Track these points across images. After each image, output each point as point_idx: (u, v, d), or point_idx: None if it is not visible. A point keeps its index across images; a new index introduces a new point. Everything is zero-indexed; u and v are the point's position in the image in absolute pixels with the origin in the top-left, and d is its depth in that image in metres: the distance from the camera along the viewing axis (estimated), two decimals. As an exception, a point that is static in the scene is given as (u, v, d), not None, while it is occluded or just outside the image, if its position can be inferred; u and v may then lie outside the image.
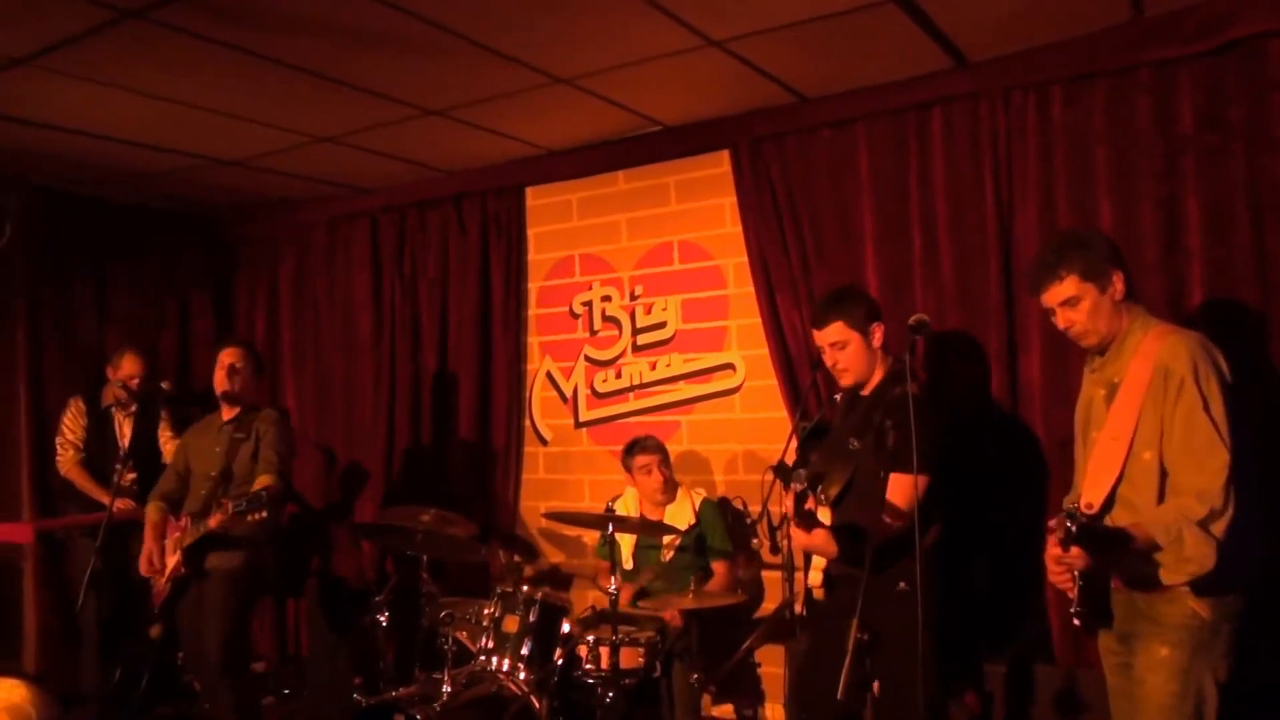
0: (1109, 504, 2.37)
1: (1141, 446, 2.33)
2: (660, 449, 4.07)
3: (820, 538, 2.78)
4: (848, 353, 2.99)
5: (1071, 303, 2.48)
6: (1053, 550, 2.23)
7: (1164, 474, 2.32)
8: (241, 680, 3.92)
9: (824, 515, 2.85)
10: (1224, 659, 2.30)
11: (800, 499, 2.69)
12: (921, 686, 2.44)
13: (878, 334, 3.01)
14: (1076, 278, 2.46)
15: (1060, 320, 2.53)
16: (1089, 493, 2.36)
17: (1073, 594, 2.28)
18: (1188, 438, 2.26)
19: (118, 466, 4.15)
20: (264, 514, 3.53)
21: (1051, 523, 2.21)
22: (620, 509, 4.05)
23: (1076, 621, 2.31)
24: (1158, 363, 2.32)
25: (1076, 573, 2.26)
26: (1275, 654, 2.85)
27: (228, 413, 3.99)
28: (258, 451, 3.86)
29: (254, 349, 4.19)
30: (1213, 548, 2.18)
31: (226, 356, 4.00)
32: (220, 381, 3.96)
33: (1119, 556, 2.26)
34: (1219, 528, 2.19)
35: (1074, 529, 2.09)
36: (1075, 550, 2.17)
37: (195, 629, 3.88)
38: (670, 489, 4.04)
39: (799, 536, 2.80)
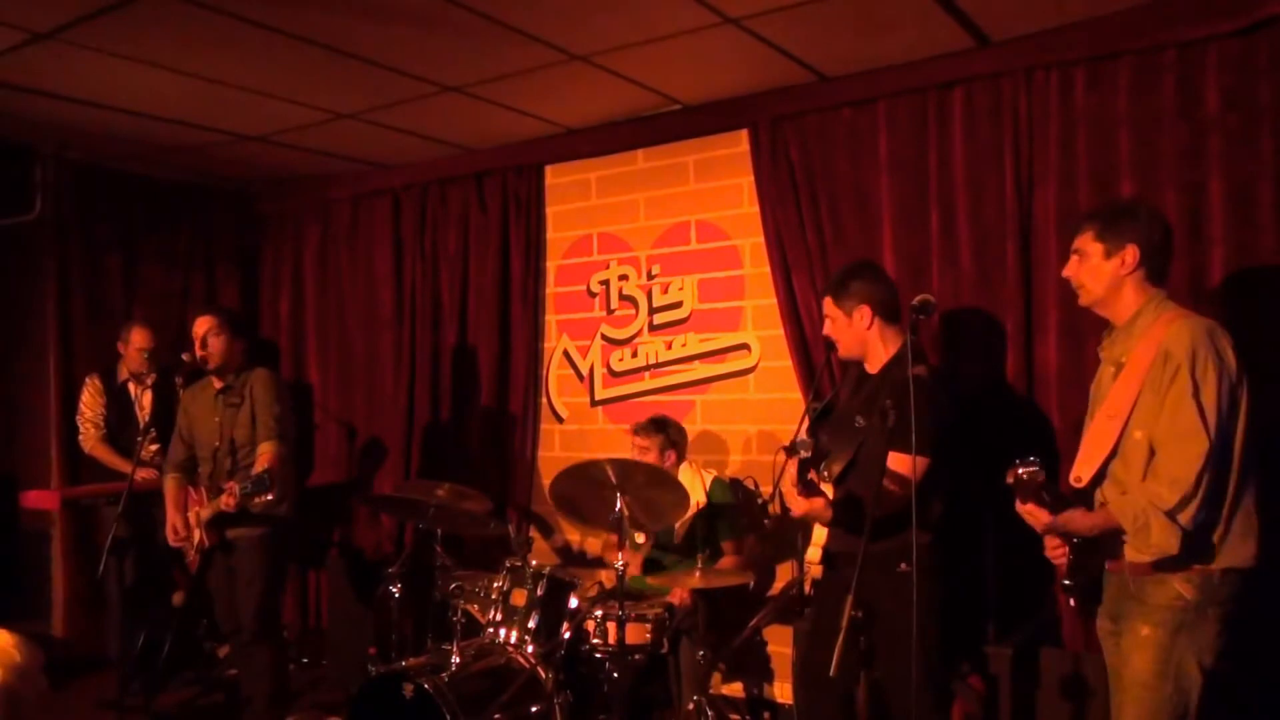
0: (1099, 478, 2.40)
1: (1135, 425, 2.35)
2: (657, 433, 4.00)
3: (818, 504, 2.79)
4: (834, 327, 3.03)
5: (1079, 253, 2.55)
6: (1021, 506, 2.32)
7: (1153, 454, 2.33)
8: (277, 644, 4.01)
9: (827, 491, 2.85)
10: (1211, 643, 2.31)
11: (804, 467, 2.70)
12: (918, 668, 2.43)
13: (860, 315, 2.96)
14: (1092, 234, 2.52)
15: (1067, 267, 2.60)
16: (1080, 467, 2.41)
17: (1065, 563, 2.34)
18: (1173, 422, 2.28)
19: (140, 439, 4.22)
20: (270, 495, 3.59)
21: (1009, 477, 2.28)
22: (630, 486, 4.06)
23: (1071, 600, 2.34)
24: (1160, 346, 2.34)
25: (1068, 547, 2.29)
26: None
27: (218, 381, 4.01)
28: (255, 416, 3.89)
29: (227, 313, 4.08)
30: (1178, 537, 2.22)
31: (197, 328, 3.96)
32: (197, 354, 3.93)
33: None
34: (1187, 515, 2.22)
35: (1024, 475, 2.20)
36: (1030, 505, 2.27)
37: (229, 597, 3.96)
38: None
39: (797, 502, 2.81)
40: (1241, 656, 2.39)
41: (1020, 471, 2.25)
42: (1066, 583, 2.37)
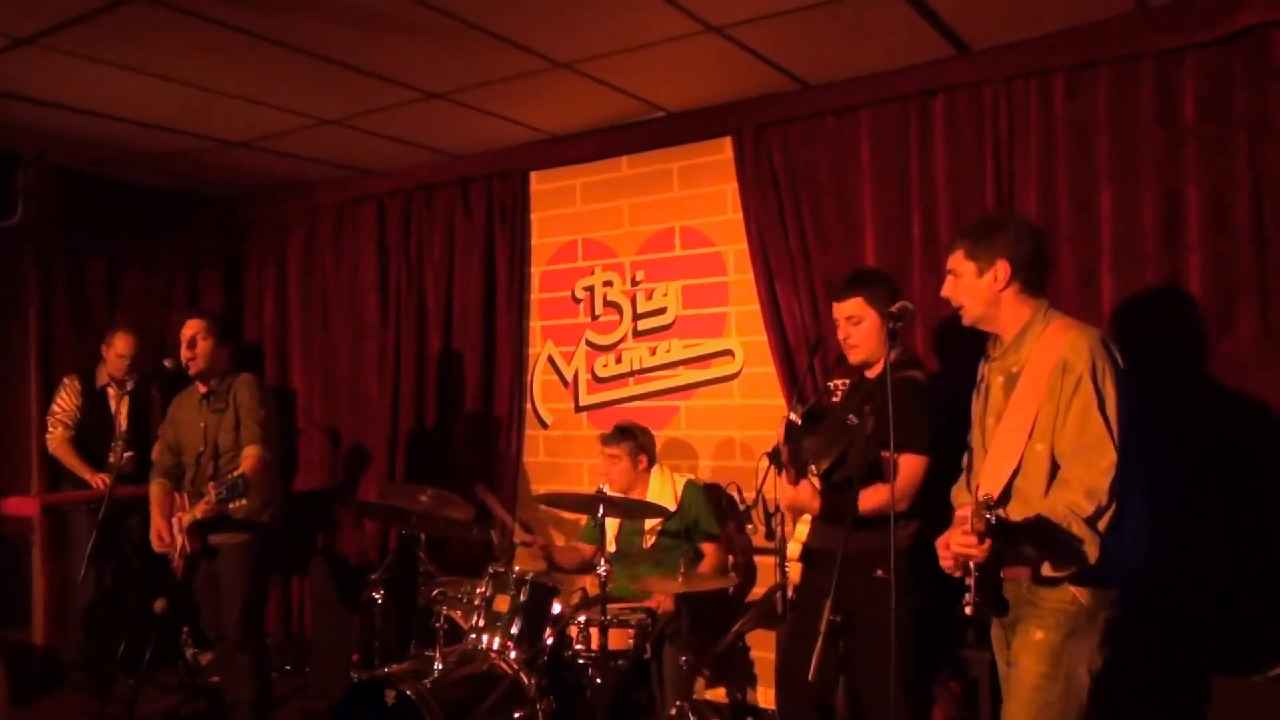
0: (1006, 496, 2.34)
1: (1036, 438, 2.32)
2: (624, 440, 4.05)
3: (806, 492, 2.81)
4: (861, 329, 3.05)
5: (953, 273, 2.55)
6: (964, 539, 2.17)
7: (1055, 467, 2.30)
8: (259, 651, 3.99)
9: (807, 483, 2.89)
10: (1099, 649, 2.29)
11: (792, 432, 2.69)
12: (896, 674, 2.44)
13: (873, 319, 3.03)
14: (963, 252, 2.52)
15: (944, 287, 2.60)
16: (987, 483, 2.34)
17: (970, 581, 2.23)
18: (1081, 434, 2.25)
19: (115, 443, 4.19)
20: (244, 500, 3.58)
21: (961, 512, 2.20)
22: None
23: (969, 611, 2.25)
24: (1058, 356, 2.31)
25: (973, 564, 2.21)
26: (1151, 649, 2.97)
27: (203, 386, 4.00)
28: (239, 421, 3.88)
29: (215, 318, 4.07)
30: (1097, 544, 2.18)
31: (186, 330, 3.94)
32: (184, 357, 3.91)
33: (1018, 549, 2.25)
34: (1102, 523, 2.19)
35: (994, 521, 2.07)
36: (987, 542, 2.15)
37: (213, 604, 3.95)
38: (633, 484, 4.06)
39: (785, 490, 2.83)
40: (1122, 662, 2.38)
41: (1000, 513, 2.12)
42: (979, 600, 2.23)
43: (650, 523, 3.97)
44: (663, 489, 4.04)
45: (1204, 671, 2.98)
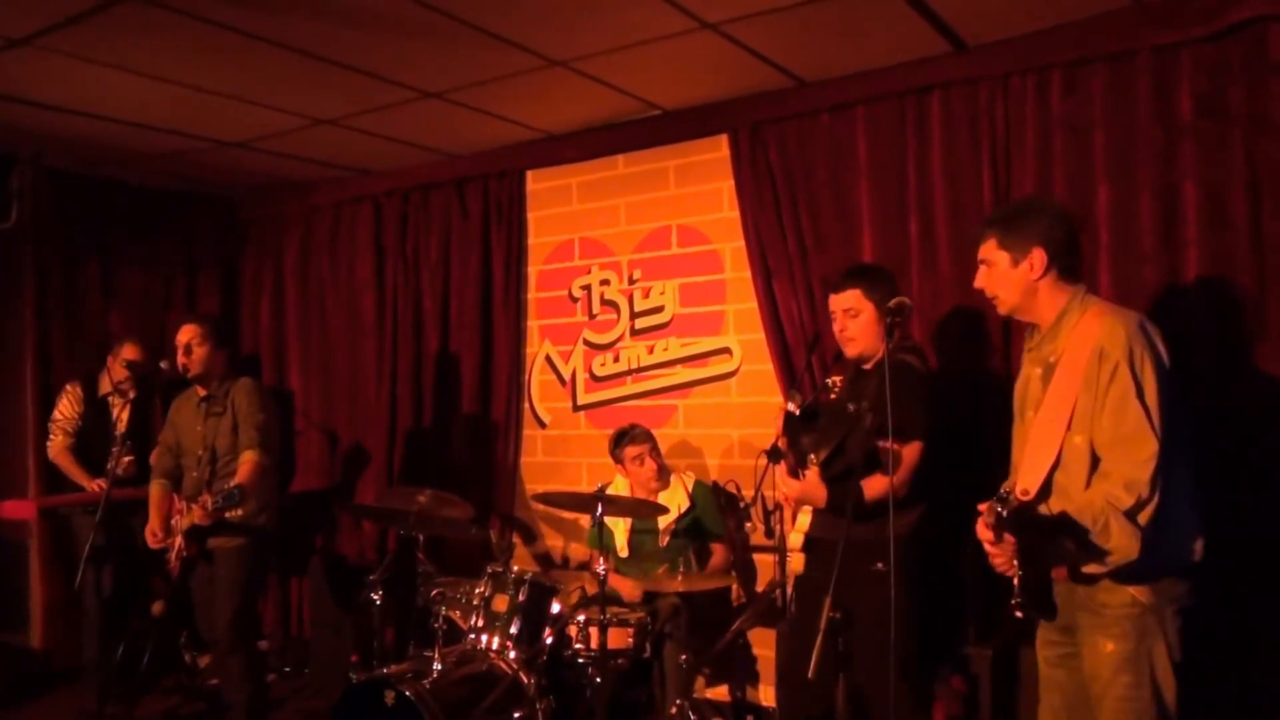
0: (1045, 491, 2.28)
1: (1075, 430, 2.24)
2: (649, 437, 4.08)
3: (812, 483, 2.82)
4: (858, 322, 3.04)
5: (985, 263, 2.47)
6: (983, 534, 2.14)
7: (1095, 459, 2.23)
8: (249, 654, 3.98)
9: (812, 474, 2.89)
10: (1176, 639, 2.23)
11: (791, 424, 2.67)
12: (895, 665, 2.43)
13: (872, 312, 3.03)
14: (994, 242, 2.43)
15: (977, 278, 2.52)
16: (1025, 479, 2.27)
17: (1016, 581, 2.18)
18: (1119, 424, 2.18)
19: (115, 450, 4.18)
20: (240, 510, 3.58)
21: (982, 507, 2.16)
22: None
23: (1018, 614, 2.20)
24: (1094, 344, 2.23)
25: (1018, 562, 2.17)
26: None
27: (202, 389, 3.99)
28: (237, 425, 3.87)
29: (211, 321, 4.07)
30: (1138, 538, 2.10)
31: (181, 335, 3.94)
32: (180, 362, 3.92)
33: (1056, 545, 2.18)
34: (1143, 516, 2.12)
35: (1004, 513, 2.03)
36: (1007, 538, 2.12)
37: (208, 606, 3.94)
38: (664, 475, 4.06)
39: (791, 485, 2.82)
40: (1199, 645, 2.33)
41: (1015, 505, 2.07)
42: (1021, 601, 2.18)
43: (664, 522, 3.95)
44: (675, 489, 4.06)
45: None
